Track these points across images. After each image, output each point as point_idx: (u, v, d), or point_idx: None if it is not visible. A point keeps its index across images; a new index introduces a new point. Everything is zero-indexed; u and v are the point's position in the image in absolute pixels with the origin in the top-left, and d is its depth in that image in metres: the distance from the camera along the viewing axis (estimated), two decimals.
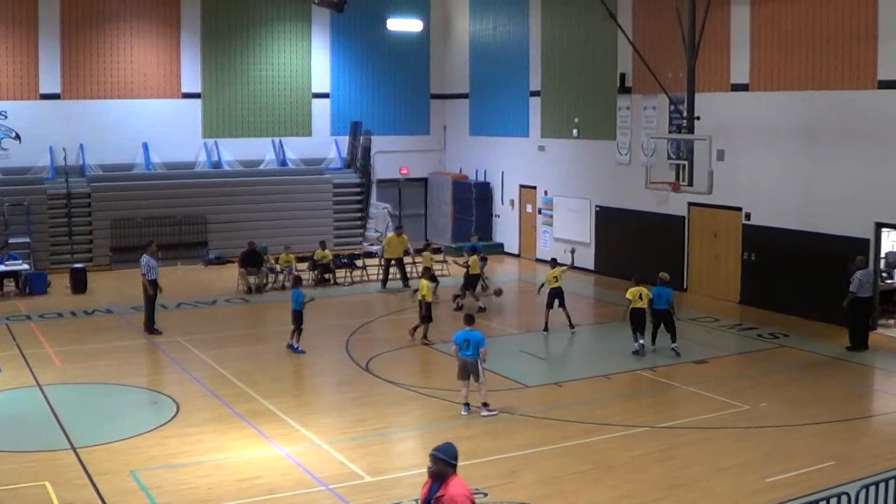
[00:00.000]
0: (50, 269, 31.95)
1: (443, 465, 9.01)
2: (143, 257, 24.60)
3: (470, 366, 17.68)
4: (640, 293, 22.28)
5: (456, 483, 8.95)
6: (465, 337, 17.78)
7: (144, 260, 24.50)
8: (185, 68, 37.09)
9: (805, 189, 25.98)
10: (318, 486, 14.21)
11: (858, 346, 22.33)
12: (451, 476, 8.97)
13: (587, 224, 33.85)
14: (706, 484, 14.25)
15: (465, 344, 17.71)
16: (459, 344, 17.82)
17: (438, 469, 9.01)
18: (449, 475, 8.97)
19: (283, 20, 38.72)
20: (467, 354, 17.67)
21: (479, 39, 39.53)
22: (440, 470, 9.00)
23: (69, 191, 34.18)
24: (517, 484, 14.28)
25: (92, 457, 15.31)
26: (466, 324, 18.19)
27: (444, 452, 9.07)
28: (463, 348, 17.73)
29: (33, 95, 34.69)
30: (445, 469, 9.00)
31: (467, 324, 18.17)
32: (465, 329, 18.01)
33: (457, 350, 17.88)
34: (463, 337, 17.82)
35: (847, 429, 16.91)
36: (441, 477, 8.98)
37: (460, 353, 17.80)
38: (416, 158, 41.43)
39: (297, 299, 22.54)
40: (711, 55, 27.65)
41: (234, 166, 37.90)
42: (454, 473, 9.00)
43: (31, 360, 21.51)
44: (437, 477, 9.01)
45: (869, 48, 23.91)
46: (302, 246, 33.40)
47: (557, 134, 35.28)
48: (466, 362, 17.70)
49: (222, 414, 17.81)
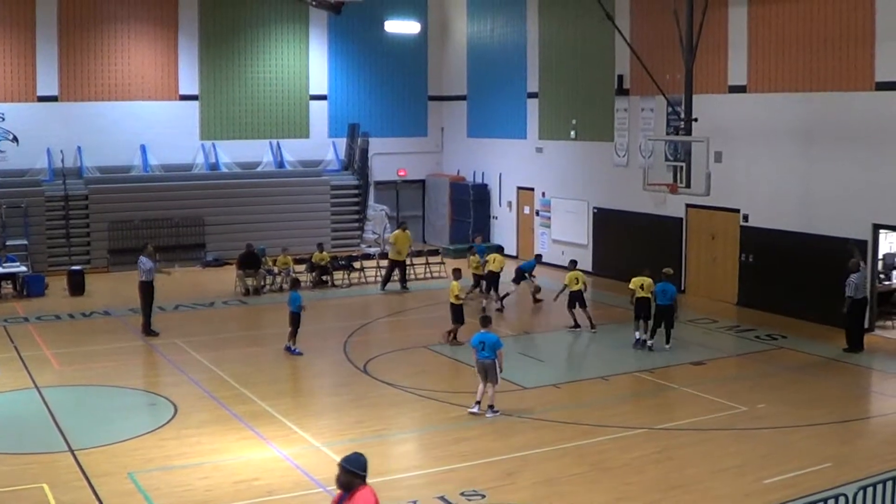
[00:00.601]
0: (47, 272, 31.95)
1: (351, 476, 8.94)
2: (140, 259, 24.62)
3: (488, 367, 17.70)
4: (643, 283, 22.69)
5: (362, 494, 8.89)
6: (481, 339, 17.84)
7: (141, 261, 24.53)
8: (182, 70, 37.09)
9: (803, 191, 25.99)
10: (316, 487, 14.20)
11: (855, 347, 22.35)
12: (360, 487, 8.92)
13: (585, 226, 33.85)
14: (704, 485, 14.25)
15: (481, 346, 17.77)
16: (476, 346, 17.89)
17: (347, 480, 8.95)
18: (357, 486, 8.92)
19: (281, 22, 38.73)
20: (484, 356, 17.71)
21: (476, 41, 39.55)
22: (348, 480, 8.94)
23: (67, 193, 34.16)
24: (515, 485, 14.28)
25: (90, 459, 15.29)
26: (483, 326, 18.25)
27: (351, 463, 9.00)
28: (479, 350, 17.79)
29: (31, 98, 34.68)
30: (353, 480, 8.93)
31: (483, 326, 18.24)
32: (481, 331, 18.07)
33: (475, 352, 17.95)
34: (479, 339, 17.87)
35: (845, 430, 16.91)
36: (349, 487, 8.94)
37: (477, 356, 17.85)
38: (413, 160, 41.44)
39: (295, 302, 22.53)
40: (709, 57, 27.67)
41: (231, 168, 37.88)
42: (363, 484, 8.94)
43: (29, 363, 21.49)
44: (345, 487, 8.96)
45: (866, 50, 23.93)
46: (299, 248, 33.40)
47: (555, 136, 35.30)
48: (484, 364, 17.74)
49: (220, 416, 17.80)
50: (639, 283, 22.85)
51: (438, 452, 15.97)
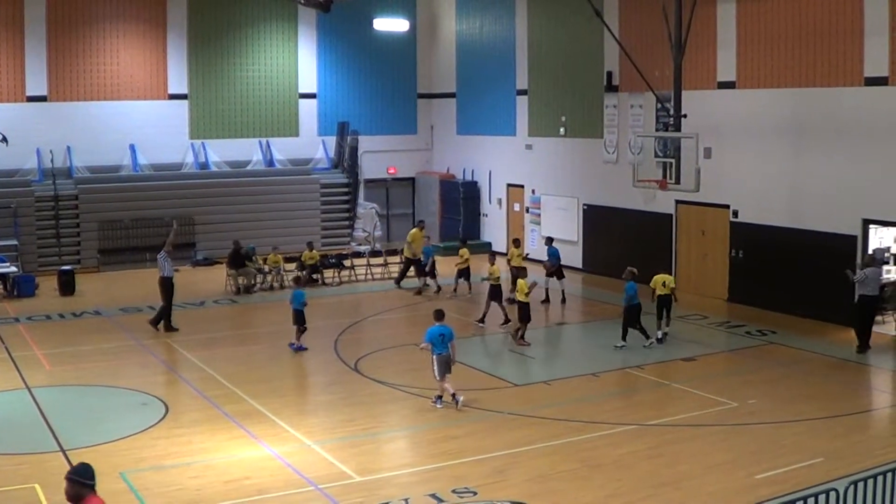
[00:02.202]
0: (38, 272, 31.87)
1: (79, 487, 8.86)
2: (160, 255, 25.17)
3: (447, 360, 17.89)
4: (664, 280, 23.23)
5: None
6: (441, 332, 17.95)
7: (160, 257, 25.08)
8: (171, 69, 37.01)
9: (792, 186, 26.05)
10: (308, 486, 14.19)
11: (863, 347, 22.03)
12: (89, 496, 8.87)
13: (575, 222, 33.89)
14: (695, 481, 14.27)
15: (441, 339, 17.88)
16: (434, 341, 17.96)
17: (75, 491, 8.86)
18: (86, 495, 8.86)
19: (270, 20, 38.67)
20: (442, 350, 17.84)
21: (465, 39, 39.55)
22: (77, 492, 8.86)
23: (56, 193, 34.09)
24: (506, 483, 14.28)
25: (81, 459, 15.21)
26: (437, 319, 18.31)
27: (79, 473, 8.92)
28: (438, 344, 17.86)
29: (20, 98, 34.59)
30: (81, 490, 8.86)
31: (438, 319, 18.29)
32: (436, 325, 18.14)
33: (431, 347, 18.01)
34: (438, 332, 17.97)
35: (836, 425, 16.95)
36: (78, 499, 8.87)
37: (436, 350, 17.92)
38: (403, 158, 41.44)
39: (299, 299, 22.60)
40: (698, 53, 27.72)
41: (221, 167, 37.83)
42: (93, 494, 8.88)
43: (20, 363, 21.45)
44: (74, 499, 8.87)
45: (855, 45, 24.00)
46: (290, 246, 33.38)
47: (544, 133, 35.32)
48: (444, 357, 17.87)
49: (211, 415, 17.78)
50: (660, 281, 23.25)
51: (430, 450, 15.98)
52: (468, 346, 22.85)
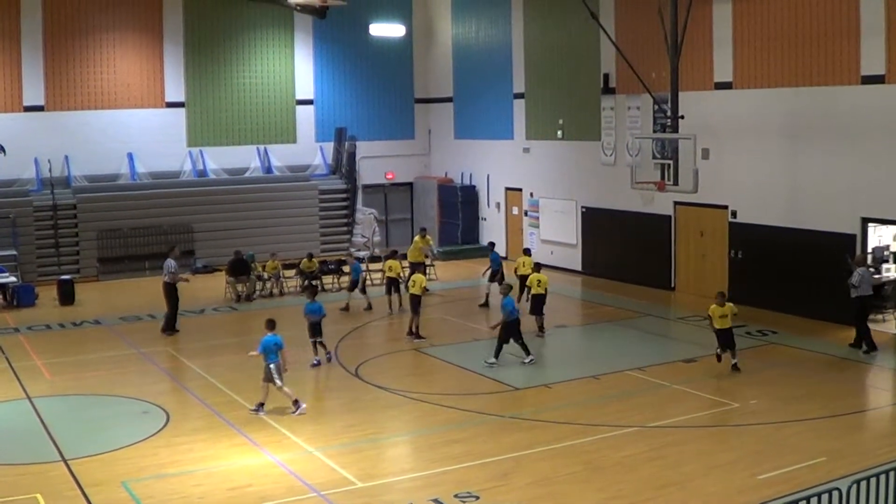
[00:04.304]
0: (37, 282, 31.82)
1: None
2: (167, 261, 25.36)
3: (279, 368, 18.12)
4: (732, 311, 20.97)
5: None
6: (275, 341, 18.22)
7: (167, 264, 25.23)
8: (168, 77, 37.01)
9: (790, 185, 26.06)
10: (310, 492, 14.19)
11: (869, 347, 21.91)
12: None
13: (573, 225, 33.88)
14: (697, 482, 14.27)
15: (274, 347, 18.16)
16: (268, 349, 18.16)
17: None
18: None
19: (266, 28, 38.68)
20: (277, 360, 18.08)
21: (462, 43, 39.57)
22: None
23: (55, 202, 34.08)
24: (509, 486, 14.29)
25: (83, 468, 15.26)
26: (269, 329, 18.47)
27: None
28: (271, 354, 18.10)
29: (17, 108, 34.58)
30: None
31: (270, 329, 18.46)
32: (269, 335, 18.32)
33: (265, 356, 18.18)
34: (273, 341, 18.20)
35: (837, 425, 16.95)
36: None
37: (270, 359, 18.08)
38: (401, 163, 41.43)
39: (319, 311, 22.06)
40: (694, 54, 27.73)
41: (219, 174, 37.82)
42: None
43: (21, 373, 21.43)
44: None
45: (851, 44, 24.00)
46: (289, 253, 33.38)
47: (542, 136, 35.32)
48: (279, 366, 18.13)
49: (212, 422, 17.78)
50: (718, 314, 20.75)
51: (432, 455, 15.96)
52: (468, 350, 22.88)
